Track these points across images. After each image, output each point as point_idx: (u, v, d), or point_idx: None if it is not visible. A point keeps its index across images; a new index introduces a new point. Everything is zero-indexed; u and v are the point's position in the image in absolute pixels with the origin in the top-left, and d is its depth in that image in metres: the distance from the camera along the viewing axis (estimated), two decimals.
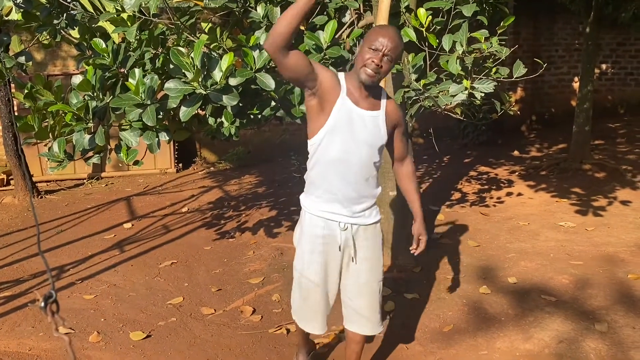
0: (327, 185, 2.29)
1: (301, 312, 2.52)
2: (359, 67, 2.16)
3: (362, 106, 2.22)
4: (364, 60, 2.13)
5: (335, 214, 2.33)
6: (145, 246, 5.03)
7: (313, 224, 2.38)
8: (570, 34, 8.93)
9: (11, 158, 6.80)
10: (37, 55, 8.21)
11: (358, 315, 2.47)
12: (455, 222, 5.06)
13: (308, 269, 2.42)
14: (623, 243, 4.32)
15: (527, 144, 8.22)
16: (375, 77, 2.15)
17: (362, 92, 2.22)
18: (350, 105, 2.20)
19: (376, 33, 2.15)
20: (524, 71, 3.23)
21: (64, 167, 3.27)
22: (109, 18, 3.20)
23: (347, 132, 2.21)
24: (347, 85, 2.21)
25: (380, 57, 2.11)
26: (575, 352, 2.92)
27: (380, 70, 2.13)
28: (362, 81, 2.17)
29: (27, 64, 3.86)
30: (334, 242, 2.37)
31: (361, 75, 2.15)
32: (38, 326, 3.53)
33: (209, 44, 3.50)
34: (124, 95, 3.07)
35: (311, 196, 2.38)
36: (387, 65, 2.14)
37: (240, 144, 8.45)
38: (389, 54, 2.12)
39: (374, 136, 2.25)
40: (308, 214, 2.40)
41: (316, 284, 2.41)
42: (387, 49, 2.11)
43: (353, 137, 2.22)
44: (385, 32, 2.15)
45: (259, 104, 3.38)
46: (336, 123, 2.20)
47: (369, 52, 2.13)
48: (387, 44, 2.11)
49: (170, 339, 3.33)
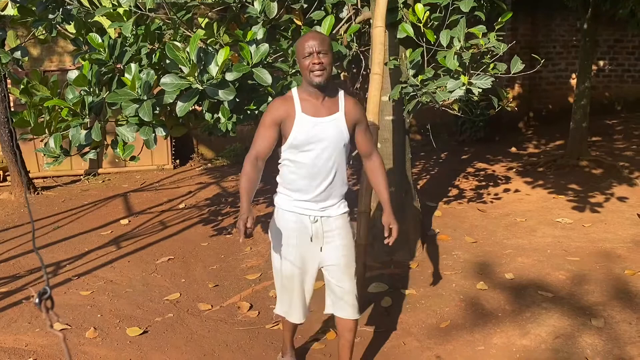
0: (296, 185, 2.44)
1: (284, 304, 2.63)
2: (307, 77, 2.32)
3: (321, 114, 2.36)
4: (307, 67, 2.29)
5: (306, 209, 2.46)
6: (142, 242, 5.02)
7: (285, 219, 2.50)
8: (567, 31, 8.92)
9: (7, 154, 6.78)
10: (34, 50, 8.17)
11: (342, 300, 2.55)
12: (453, 219, 5.06)
13: (284, 262, 2.51)
14: (620, 239, 4.32)
15: (524, 140, 8.22)
16: (324, 74, 2.28)
17: (319, 97, 2.36)
18: (308, 120, 2.34)
19: (300, 43, 2.32)
20: (521, 67, 3.23)
21: (60, 163, 3.26)
22: (105, 13, 3.19)
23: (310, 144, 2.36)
24: (301, 101, 2.36)
25: (315, 56, 2.27)
26: (571, 347, 2.93)
27: (324, 66, 2.27)
28: (316, 85, 2.30)
29: (23, 59, 3.84)
30: (305, 234, 2.49)
31: (314, 80, 2.29)
32: (34, 322, 3.52)
33: (205, 39, 3.49)
34: (120, 91, 3.06)
35: (282, 195, 2.52)
36: (325, 58, 2.28)
37: (237, 140, 8.43)
38: (321, 49, 2.27)
39: (337, 138, 2.39)
40: (280, 210, 2.52)
41: (292, 275, 2.52)
42: (316, 47, 2.27)
43: (317, 145, 2.36)
44: (306, 37, 2.33)
45: (255, 100, 3.37)
46: (296, 139, 2.35)
47: (306, 59, 2.29)
48: (312, 44, 2.28)
49: (167, 335, 3.33)
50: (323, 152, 2.37)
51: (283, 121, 2.35)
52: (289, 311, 2.63)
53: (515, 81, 8.72)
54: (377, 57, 3.13)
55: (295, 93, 2.39)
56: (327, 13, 3.68)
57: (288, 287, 2.56)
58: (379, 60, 3.13)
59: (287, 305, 2.61)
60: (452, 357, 2.96)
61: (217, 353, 3.11)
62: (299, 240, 2.48)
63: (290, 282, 2.54)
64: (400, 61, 3.67)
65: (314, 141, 2.35)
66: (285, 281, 2.55)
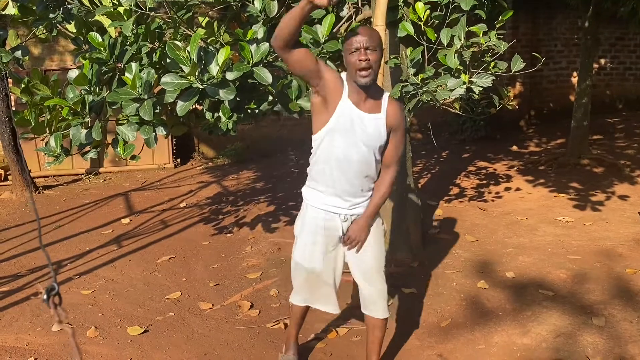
0: (328, 181, 2.40)
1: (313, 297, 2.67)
2: (353, 73, 2.23)
3: (362, 108, 2.30)
4: (353, 64, 2.21)
5: (336, 207, 2.44)
6: (143, 241, 5.03)
7: (314, 216, 2.48)
8: (569, 29, 8.90)
9: (9, 153, 6.78)
10: (35, 50, 8.17)
11: (369, 300, 2.58)
12: (453, 217, 5.05)
13: (310, 259, 2.53)
14: (621, 238, 4.32)
15: (525, 138, 8.21)
16: (369, 73, 2.21)
17: (361, 94, 2.29)
18: (351, 107, 2.28)
19: (348, 38, 2.24)
20: (522, 65, 3.22)
21: (60, 162, 3.26)
22: (106, 12, 3.19)
23: (348, 133, 2.30)
24: (348, 87, 2.29)
25: (363, 52, 2.19)
26: (572, 346, 2.93)
27: (371, 64, 2.20)
28: (361, 84, 2.23)
29: (24, 58, 3.84)
30: (335, 232, 2.49)
31: (359, 81, 2.22)
32: (36, 321, 3.53)
33: (206, 38, 3.49)
34: (121, 90, 3.05)
35: (313, 190, 2.49)
36: (372, 55, 2.20)
37: (238, 139, 8.44)
38: (369, 45, 2.19)
39: (374, 137, 2.33)
40: (310, 206, 2.50)
41: (320, 271, 2.54)
42: (364, 43, 2.19)
43: (354, 137, 2.30)
44: (356, 31, 2.24)
45: (256, 99, 3.37)
46: (337, 123, 2.29)
47: (353, 55, 2.21)
48: (361, 39, 2.19)
49: (167, 334, 3.33)
50: (357, 147, 2.31)
51: (330, 89, 2.25)
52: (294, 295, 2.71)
53: (516, 80, 8.70)
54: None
55: (344, 77, 2.31)
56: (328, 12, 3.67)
57: (300, 272, 2.60)
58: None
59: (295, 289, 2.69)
60: (452, 356, 2.96)
61: (218, 352, 3.12)
62: (328, 238, 2.49)
63: (304, 271, 2.57)
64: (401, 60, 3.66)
65: (351, 132, 2.28)
66: (300, 269, 2.59)
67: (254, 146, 8.65)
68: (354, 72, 2.22)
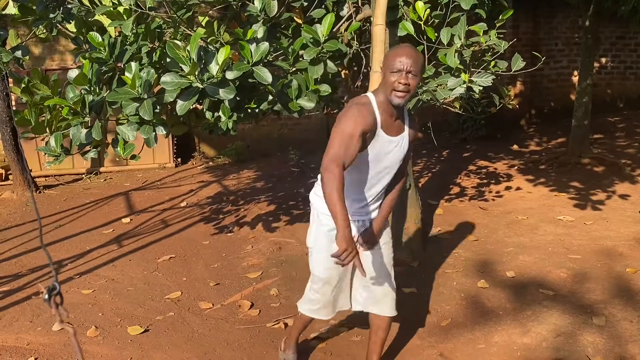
0: (352, 195, 2.41)
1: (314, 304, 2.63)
2: (388, 92, 2.21)
3: (392, 133, 2.32)
4: (391, 85, 2.19)
5: (355, 215, 2.45)
6: (143, 241, 5.03)
7: (329, 225, 2.43)
8: (569, 28, 8.89)
9: (9, 153, 6.79)
10: (35, 49, 8.17)
11: (376, 298, 2.58)
12: (454, 217, 5.05)
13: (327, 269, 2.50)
14: (621, 237, 4.31)
15: (526, 138, 8.20)
16: (406, 96, 2.21)
17: (392, 114, 2.29)
18: (384, 136, 2.30)
19: (393, 55, 2.20)
20: (522, 65, 3.22)
21: (60, 162, 3.26)
22: (106, 11, 3.19)
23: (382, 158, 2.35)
24: (380, 116, 2.26)
25: (405, 76, 2.16)
26: (572, 345, 2.93)
27: (409, 88, 2.19)
28: (395, 104, 2.23)
29: (24, 58, 3.84)
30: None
31: (394, 100, 2.21)
32: (36, 321, 3.53)
33: (206, 38, 3.49)
34: (121, 89, 3.05)
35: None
36: (413, 80, 2.18)
37: (238, 138, 8.44)
38: (412, 69, 2.17)
39: (400, 156, 2.41)
40: (324, 216, 2.45)
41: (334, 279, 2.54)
42: (408, 66, 2.16)
43: (383, 162, 2.36)
44: (402, 51, 2.21)
45: (256, 98, 3.37)
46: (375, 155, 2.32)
47: (393, 75, 2.18)
48: (406, 62, 2.16)
49: (168, 334, 3.34)
50: (386, 169, 2.39)
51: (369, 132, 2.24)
52: (319, 310, 2.63)
53: (516, 79, 8.69)
54: (378, 56, 3.13)
55: (374, 104, 2.26)
56: (328, 11, 3.67)
57: (326, 290, 2.56)
58: (379, 58, 3.12)
59: (317, 304, 2.61)
60: (453, 355, 2.96)
61: (218, 352, 3.12)
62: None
63: (330, 286, 2.55)
64: None
65: (382, 159, 2.35)
66: (326, 286, 2.55)
67: (254, 146, 8.65)
68: (390, 91, 2.20)
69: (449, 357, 2.95)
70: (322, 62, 3.31)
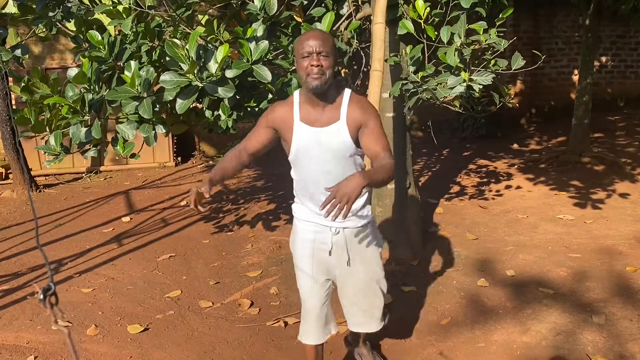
0: (311, 196, 2.29)
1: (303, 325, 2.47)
2: (304, 79, 2.10)
3: (319, 124, 2.16)
4: (305, 70, 2.08)
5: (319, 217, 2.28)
6: (143, 240, 5.03)
7: (304, 230, 2.38)
8: (570, 27, 8.89)
9: (9, 152, 6.79)
10: (35, 48, 8.17)
11: (359, 316, 2.48)
12: (454, 215, 5.05)
13: (301, 274, 2.40)
14: (621, 236, 4.31)
15: (526, 137, 8.20)
16: (322, 79, 2.07)
17: (318, 104, 2.16)
18: (307, 129, 2.17)
19: (300, 42, 2.11)
20: (522, 63, 3.21)
21: (60, 161, 3.26)
22: (105, 10, 3.19)
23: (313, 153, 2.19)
24: (301, 108, 2.19)
25: (316, 57, 2.06)
26: (572, 344, 2.93)
27: (323, 70, 2.07)
28: (313, 89, 2.09)
29: (24, 57, 3.84)
30: (324, 246, 2.35)
31: (310, 84, 2.08)
32: (36, 319, 3.53)
33: (205, 36, 3.49)
34: (120, 88, 3.06)
35: (300, 205, 2.40)
36: (326, 61, 2.07)
37: (238, 137, 8.42)
38: (321, 50, 2.06)
39: (339, 148, 2.17)
40: (300, 221, 2.40)
41: (310, 289, 2.39)
42: (317, 47, 2.06)
43: (319, 155, 2.19)
44: (307, 35, 2.12)
45: (255, 97, 3.37)
46: (298, 150, 2.21)
47: (305, 60, 2.08)
48: (313, 44, 2.06)
49: (167, 332, 3.34)
50: (326, 165, 2.18)
51: (280, 128, 2.22)
52: (309, 333, 2.44)
53: (517, 77, 8.69)
54: (378, 54, 3.12)
55: (296, 98, 2.21)
56: (328, 9, 3.67)
57: (307, 307, 2.40)
58: (379, 57, 3.12)
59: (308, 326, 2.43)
60: (452, 354, 2.96)
61: (218, 350, 3.12)
62: (316, 251, 2.35)
63: (309, 297, 2.38)
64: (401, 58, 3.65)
65: (315, 154, 2.17)
66: (305, 296, 2.39)
67: None
68: (305, 76, 2.08)
69: (449, 356, 2.95)
70: None
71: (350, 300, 2.45)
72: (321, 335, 2.45)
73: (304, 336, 2.47)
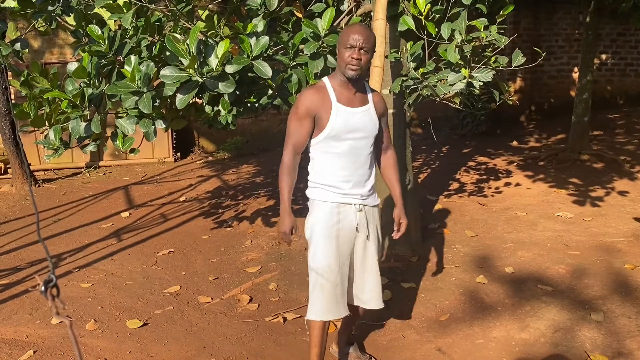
0: (337, 176, 2.43)
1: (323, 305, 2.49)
2: (342, 67, 2.35)
3: (355, 105, 2.42)
4: (344, 60, 2.33)
5: (349, 196, 2.45)
6: (142, 235, 5.03)
7: (326, 211, 2.46)
8: (570, 24, 8.88)
9: (8, 146, 6.78)
10: (34, 43, 8.15)
11: (368, 294, 2.59)
12: (453, 212, 5.05)
13: (327, 259, 2.45)
14: (620, 233, 4.32)
15: (525, 134, 8.20)
16: (358, 70, 2.33)
17: (351, 89, 2.41)
18: (345, 109, 2.39)
19: (347, 33, 2.34)
20: (522, 60, 3.21)
21: (59, 155, 3.25)
22: (105, 4, 3.18)
23: (349, 129, 2.40)
24: (335, 92, 2.40)
25: (357, 52, 2.30)
26: (571, 341, 2.93)
27: (360, 63, 2.32)
28: (349, 77, 2.35)
29: (24, 51, 3.83)
30: (350, 225, 2.48)
31: (347, 73, 2.34)
32: (35, 314, 3.53)
33: (206, 32, 3.48)
34: (120, 83, 3.05)
35: (319, 188, 2.48)
36: (365, 56, 2.33)
37: (238, 133, 8.44)
38: (364, 46, 2.31)
39: (371, 127, 2.46)
40: (321, 203, 2.47)
41: (338, 269, 2.48)
42: (360, 42, 2.30)
43: (354, 133, 2.41)
44: (355, 29, 2.34)
45: (256, 92, 3.36)
46: (335, 128, 2.38)
47: (347, 50, 2.32)
48: (358, 38, 2.30)
49: (167, 327, 3.34)
50: (361, 141, 2.42)
51: (319, 110, 2.37)
52: (332, 309, 2.48)
53: (517, 75, 8.69)
54: (378, 50, 3.12)
55: (327, 82, 2.42)
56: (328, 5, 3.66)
57: (332, 283, 2.44)
58: (379, 53, 3.11)
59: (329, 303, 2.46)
60: (451, 350, 2.97)
61: (217, 345, 3.12)
62: (343, 231, 2.45)
63: (336, 277, 2.45)
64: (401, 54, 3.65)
65: (352, 130, 2.39)
66: (332, 276, 2.44)
67: (253, 140, 8.65)
68: (345, 65, 2.33)
69: (447, 352, 2.96)
70: (322, 57, 3.30)
71: (361, 276, 2.58)
72: (342, 309, 2.52)
73: (324, 314, 2.49)
